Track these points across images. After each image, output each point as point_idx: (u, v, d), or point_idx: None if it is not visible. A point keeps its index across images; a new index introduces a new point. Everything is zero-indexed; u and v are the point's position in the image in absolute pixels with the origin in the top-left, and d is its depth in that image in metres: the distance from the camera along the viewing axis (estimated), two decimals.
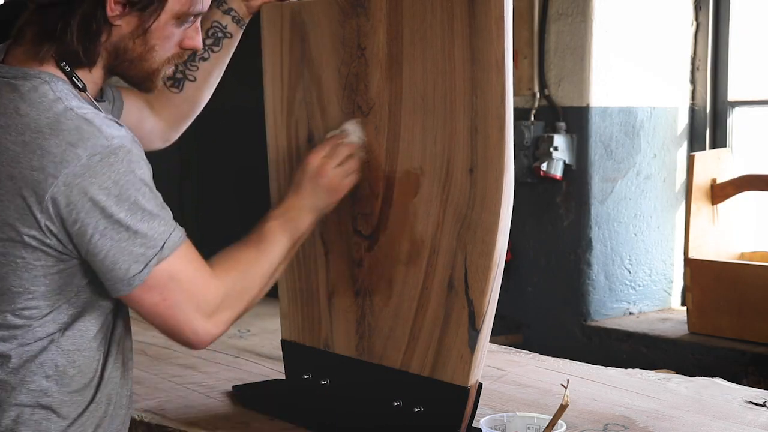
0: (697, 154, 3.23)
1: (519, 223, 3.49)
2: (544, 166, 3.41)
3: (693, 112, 3.61)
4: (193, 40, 1.68)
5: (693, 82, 3.61)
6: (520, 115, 3.47)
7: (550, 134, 3.43)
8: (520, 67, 3.49)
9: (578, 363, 2.50)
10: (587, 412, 2.07)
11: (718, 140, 3.57)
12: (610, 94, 3.44)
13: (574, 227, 3.46)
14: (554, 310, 3.52)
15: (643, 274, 3.56)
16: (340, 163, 1.84)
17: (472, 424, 1.85)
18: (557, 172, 3.43)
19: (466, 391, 1.79)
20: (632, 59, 3.47)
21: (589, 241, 3.44)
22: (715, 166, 3.25)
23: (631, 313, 3.53)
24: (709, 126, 3.58)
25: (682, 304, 3.60)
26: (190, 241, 1.59)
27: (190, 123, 2.08)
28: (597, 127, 3.42)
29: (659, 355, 3.20)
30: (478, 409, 1.84)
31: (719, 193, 3.23)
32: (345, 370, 2.01)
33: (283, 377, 2.19)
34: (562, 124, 3.44)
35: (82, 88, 1.58)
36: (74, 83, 1.57)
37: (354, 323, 1.99)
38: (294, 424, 2.00)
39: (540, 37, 3.49)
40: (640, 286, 3.56)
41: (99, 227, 1.48)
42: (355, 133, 1.90)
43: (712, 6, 3.54)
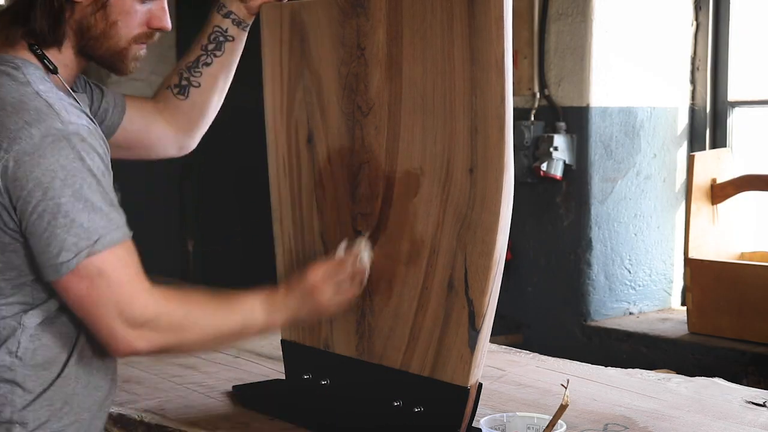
0: (697, 154, 3.23)
1: (519, 223, 3.49)
2: (544, 166, 3.41)
3: (693, 112, 3.61)
4: (161, 20, 1.69)
5: (693, 82, 3.61)
6: (520, 115, 3.47)
7: (550, 134, 3.43)
8: (520, 67, 3.49)
9: (578, 363, 2.50)
10: (587, 412, 2.06)
11: (718, 140, 3.57)
12: (610, 94, 3.45)
13: (574, 227, 3.46)
14: (554, 310, 3.52)
15: (643, 274, 3.56)
16: (337, 289, 1.83)
17: (472, 424, 1.85)
18: (557, 172, 3.43)
19: (466, 391, 1.79)
20: (632, 59, 3.47)
21: (589, 241, 3.44)
22: (715, 166, 3.25)
23: (631, 313, 3.53)
24: (709, 126, 3.58)
25: (682, 304, 3.60)
26: (134, 249, 1.57)
27: (205, 129, 2.11)
28: (597, 127, 3.42)
29: (659, 355, 3.20)
30: (478, 409, 1.84)
31: (719, 193, 3.23)
32: (345, 370, 2.01)
33: (283, 377, 2.18)
34: (562, 124, 3.44)
35: (52, 70, 1.62)
36: (46, 66, 1.61)
37: (354, 323, 1.99)
38: (294, 424, 2.00)
39: (540, 37, 3.49)
40: (640, 286, 3.56)
41: (38, 208, 1.49)
42: (365, 256, 1.88)
43: (712, 6, 3.55)
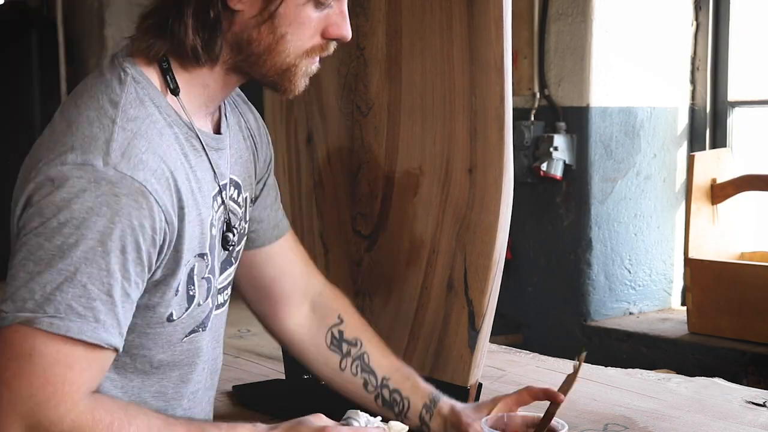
0: (697, 154, 3.23)
1: (519, 223, 3.49)
2: (544, 166, 3.41)
3: (693, 112, 3.61)
4: (340, 28, 1.36)
5: (693, 82, 3.61)
6: (520, 115, 3.47)
7: (550, 134, 3.43)
8: (520, 67, 3.49)
9: None
10: (587, 412, 2.07)
11: (718, 140, 3.57)
12: (610, 94, 3.45)
13: (574, 227, 3.46)
14: (554, 310, 3.52)
15: (643, 274, 3.56)
16: None
17: None
18: (557, 172, 3.43)
19: (466, 391, 1.79)
20: (632, 59, 3.47)
21: (589, 241, 3.44)
22: (715, 166, 3.25)
23: (631, 313, 3.53)
24: (709, 126, 3.58)
25: (682, 304, 3.60)
26: (98, 361, 1.23)
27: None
28: (597, 127, 3.42)
29: (659, 355, 3.20)
30: None
31: (719, 193, 3.23)
32: None
33: (283, 377, 2.19)
34: (562, 124, 3.44)
35: (173, 90, 1.33)
36: (167, 83, 1.33)
37: None
38: None
39: (540, 37, 3.49)
40: (640, 286, 3.56)
41: (27, 233, 1.22)
42: None
43: (712, 6, 3.55)
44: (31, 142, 1.33)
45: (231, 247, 1.47)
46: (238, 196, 1.49)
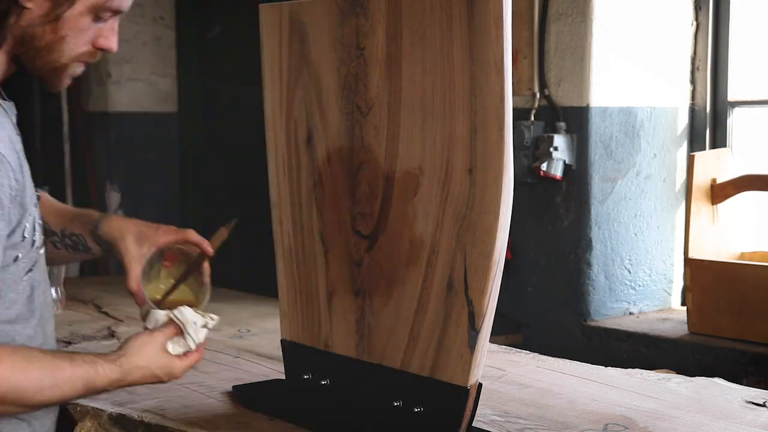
0: (697, 154, 3.23)
1: (519, 223, 3.49)
2: (544, 166, 3.41)
3: (693, 112, 3.61)
4: (108, 40, 1.59)
5: (693, 82, 3.61)
6: (520, 115, 3.47)
7: (550, 134, 3.43)
8: (520, 67, 3.49)
9: (578, 363, 2.50)
10: (587, 412, 2.07)
11: (718, 140, 3.57)
12: (610, 94, 3.44)
13: (574, 227, 3.46)
14: (554, 310, 3.52)
15: (643, 274, 3.56)
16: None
17: (472, 424, 1.85)
18: (557, 172, 3.43)
19: (466, 391, 1.79)
20: (632, 59, 3.47)
21: (589, 241, 3.44)
22: (715, 166, 3.25)
23: (631, 313, 3.53)
24: (709, 126, 3.58)
25: (682, 304, 3.60)
26: None
27: None
28: (597, 127, 3.42)
29: (659, 355, 3.20)
30: (478, 409, 1.84)
31: (719, 193, 3.23)
32: (345, 370, 2.01)
33: (283, 377, 2.19)
34: (562, 124, 3.44)
35: None
36: None
37: (354, 323, 1.99)
38: (294, 424, 2.00)
39: (540, 37, 3.48)
40: (640, 286, 3.56)
41: None
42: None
43: (712, 6, 3.54)
44: (31, 143, 1.41)
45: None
46: None
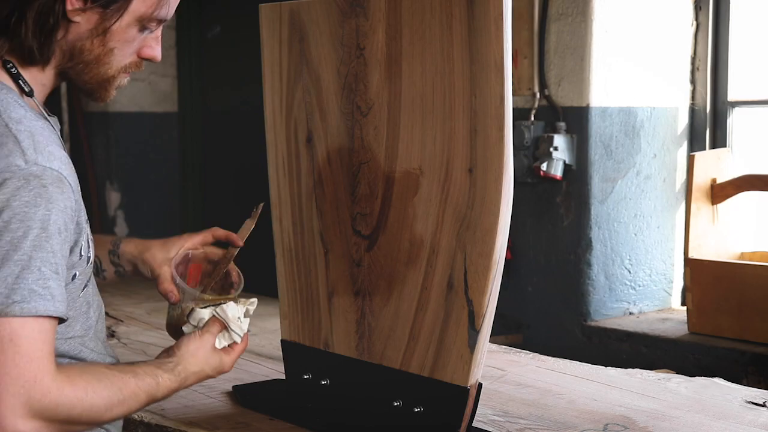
0: (697, 154, 3.23)
1: (519, 223, 3.49)
2: (544, 166, 3.41)
3: (693, 112, 3.61)
4: (153, 50, 1.61)
5: (693, 82, 3.61)
6: (520, 115, 3.47)
7: (550, 134, 3.43)
8: (520, 67, 3.49)
9: (578, 363, 2.50)
10: (587, 412, 2.07)
11: (718, 140, 3.57)
12: (610, 94, 3.44)
13: (574, 227, 3.46)
14: (554, 310, 3.52)
15: (643, 274, 3.56)
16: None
17: (472, 424, 1.85)
18: (557, 172, 3.43)
19: (465, 391, 1.79)
20: (632, 59, 3.47)
21: (589, 241, 3.44)
22: (715, 166, 3.25)
23: (631, 313, 3.53)
24: (709, 126, 3.58)
25: (682, 304, 3.60)
26: (55, 330, 1.42)
27: None
28: (597, 127, 3.42)
29: (659, 355, 3.20)
30: (478, 409, 1.84)
31: (719, 193, 3.23)
32: (345, 370, 2.01)
33: (283, 377, 2.19)
34: (562, 124, 3.44)
35: (28, 93, 1.52)
36: (20, 87, 1.50)
37: (354, 323, 1.99)
38: (294, 425, 2.00)
39: (540, 37, 3.48)
40: (640, 286, 3.56)
41: None
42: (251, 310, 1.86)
43: (712, 6, 3.54)
44: None
45: None
46: None
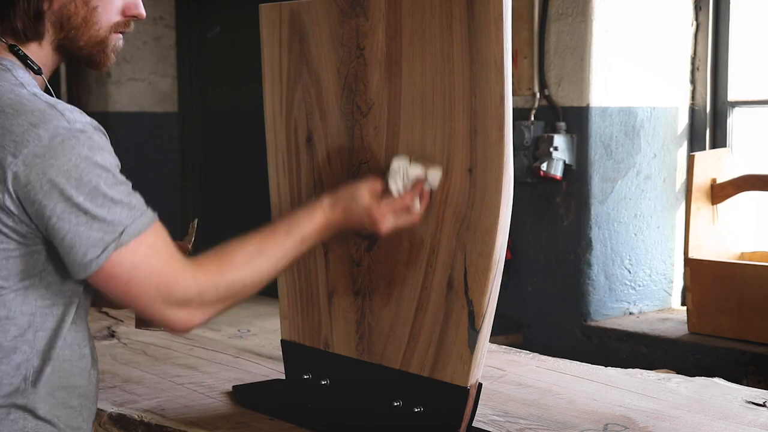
0: (697, 154, 3.23)
1: (519, 223, 3.49)
2: (544, 166, 3.41)
3: (693, 112, 3.61)
4: (137, 8, 1.67)
5: (693, 82, 3.61)
6: (520, 115, 3.47)
7: (550, 134, 3.43)
8: (520, 67, 3.49)
9: (578, 363, 2.50)
10: (587, 412, 2.07)
11: (718, 140, 3.57)
12: (610, 94, 3.44)
13: (574, 227, 3.46)
14: (554, 310, 3.52)
15: (643, 274, 3.56)
16: (396, 218, 1.78)
17: (472, 424, 1.85)
18: (557, 172, 3.42)
19: (465, 391, 1.79)
20: (632, 59, 3.47)
21: (589, 241, 3.44)
22: (715, 166, 3.25)
23: (631, 313, 3.53)
24: (709, 126, 3.58)
25: (682, 304, 3.59)
26: (162, 230, 1.55)
27: None
28: (597, 127, 3.42)
29: (659, 355, 3.20)
30: (478, 409, 1.84)
31: (719, 193, 3.23)
32: (345, 370, 2.01)
33: (283, 377, 2.19)
34: (562, 124, 3.44)
35: (37, 71, 1.59)
36: (29, 66, 1.58)
37: (354, 323, 1.99)
38: (294, 424, 2.00)
39: (540, 37, 3.48)
40: (640, 286, 3.55)
41: (57, 210, 1.46)
42: (434, 180, 1.81)
43: (712, 6, 3.54)
44: None
45: None
46: None
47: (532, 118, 3.49)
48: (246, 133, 3.93)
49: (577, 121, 3.43)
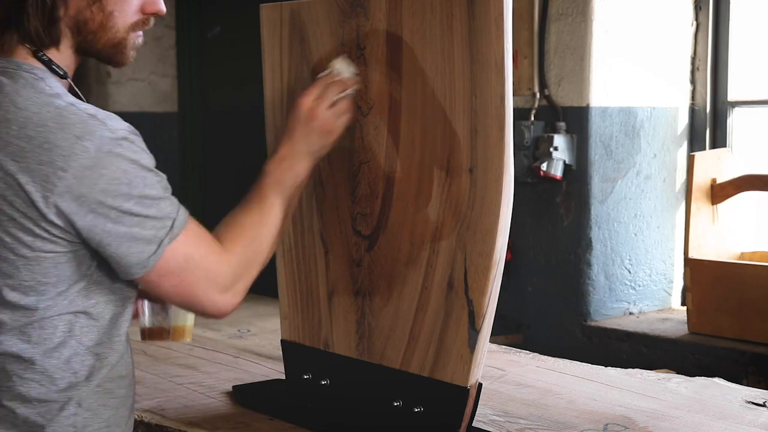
0: (697, 154, 3.23)
1: (519, 223, 3.49)
2: (544, 166, 3.41)
3: (693, 112, 3.61)
4: (156, 4, 1.68)
5: (693, 82, 3.61)
6: (520, 115, 3.47)
7: (550, 134, 3.43)
8: (520, 67, 3.49)
9: (578, 363, 2.50)
10: (587, 412, 2.07)
11: (718, 140, 3.57)
12: (610, 94, 3.44)
13: (574, 227, 3.46)
14: (554, 310, 3.52)
15: (643, 274, 3.56)
16: (332, 104, 1.83)
17: (472, 424, 1.85)
18: (557, 172, 3.42)
19: (466, 391, 1.79)
20: (632, 59, 3.47)
21: (589, 241, 3.44)
22: (715, 166, 3.25)
23: (631, 313, 3.53)
24: (709, 126, 3.58)
25: (682, 304, 3.59)
26: (194, 219, 1.62)
27: None
28: (597, 127, 3.42)
29: (659, 355, 3.20)
30: (478, 409, 1.84)
31: (719, 193, 3.23)
32: (345, 370, 2.01)
33: (283, 377, 2.19)
34: (562, 124, 3.44)
35: (62, 76, 1.60)
36: (54, 72, 1.59)
37: (354, 323, 1.99)
38: (294, 425, 2.00)
39: (540, 37, 3.48)
40: (640, 286, 3.55)
41: (111, 216, 1.50)
42: (346, 70, 1.88)
43: (712, 6, 3.54)
44: None
45: None
46: None
47: (532, 118, 3.49)
48: (246, 133, 3.93)
49: (577, 121, 3.43)
